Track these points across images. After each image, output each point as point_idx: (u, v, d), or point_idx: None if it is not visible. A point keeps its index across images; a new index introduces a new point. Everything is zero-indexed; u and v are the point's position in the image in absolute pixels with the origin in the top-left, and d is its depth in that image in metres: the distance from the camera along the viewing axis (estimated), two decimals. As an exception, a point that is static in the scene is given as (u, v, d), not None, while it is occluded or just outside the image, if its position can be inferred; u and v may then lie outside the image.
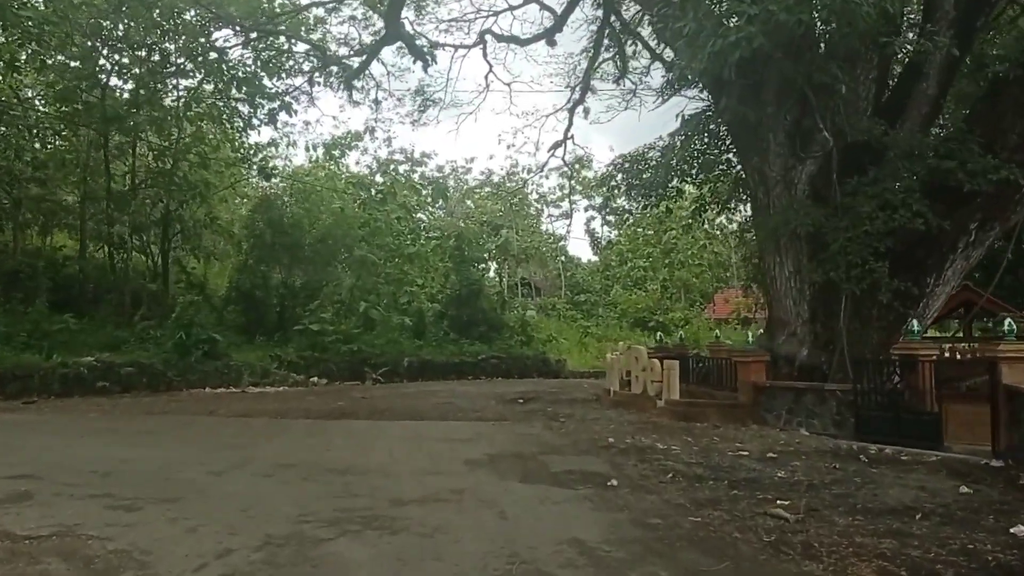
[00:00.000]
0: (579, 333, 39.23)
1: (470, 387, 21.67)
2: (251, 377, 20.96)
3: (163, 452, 9.75)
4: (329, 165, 36.73)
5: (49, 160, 27.74)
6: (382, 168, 35.89)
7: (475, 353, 26.88)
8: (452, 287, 29.74)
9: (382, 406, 15.94)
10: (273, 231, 28.35)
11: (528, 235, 46.42)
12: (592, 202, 52.74)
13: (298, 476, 8.41)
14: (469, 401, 17.36)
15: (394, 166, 36.15)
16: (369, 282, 27.81)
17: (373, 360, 24.00)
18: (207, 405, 15.44)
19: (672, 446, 11.03)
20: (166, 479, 8.15)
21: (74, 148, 28.42)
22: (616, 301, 46.89)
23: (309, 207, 29.83)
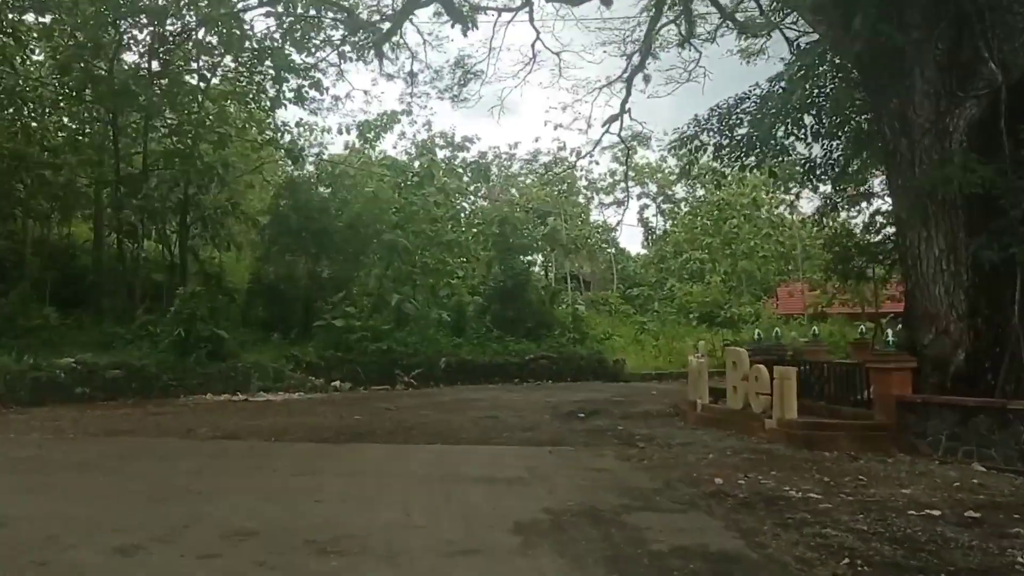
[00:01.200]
0: (633, 330, 35.75)
1: (517, 394, 18.46)
2: (262, 381, 18.05)
3: (71, 505, 6.72)
4: (364, 148, 33.79)
5: (65, 145, 25.36)
6: (420, 151, 32.80)
7: (521, 352, 23.66)
8: (495, 278, 26.54)
9: (409, 421, 12.81)
10: (299, 216, 25.50)
11: (577, 225, 42.98)
12: (646, 189, 49.28)
13: (252, 559, 5.27)
14: (516, 414, 14.15)
15: (432, 147, 33.01)
16: (402, 272, 24.75)
17: (405, 361, 20.94)
18: (192, 420, 12.49)
19: (811, 493, 7.66)
20: (39, 565, 5.07)
21: (82, 124, 25.96)
22: (674, 295, 43.25)
23: (338, 189, 26.89)
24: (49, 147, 25.33)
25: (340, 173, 27.95)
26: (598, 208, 47.17)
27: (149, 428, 11.43)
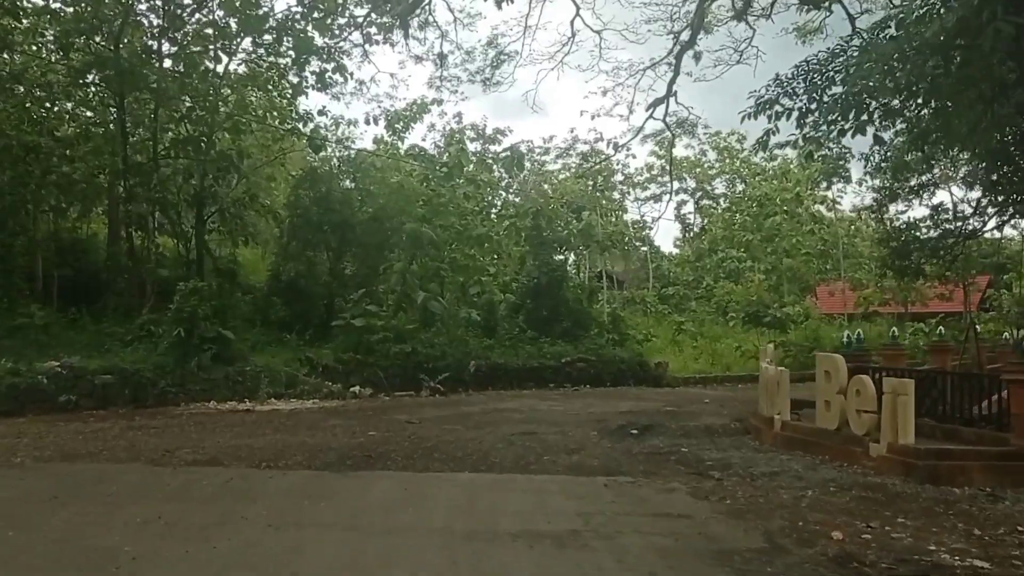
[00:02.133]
0: (671, 330, 33.62)
1: (555, 403, 16.48)
2: (272, 387, 16.28)
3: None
4: (392, 140, 32.00)
5: (74, 133, 23.92)
6: (449, 141, 30.94)
7: (557, 355, 21.66)
8: (528, 274, 24.55)
9: (432, 439, 10.90)
10: (320, 209, 23.75)
11: (612, 221, 40.93)
12: (684, 184, 47.03)
13: None
14: (557, 429, 12.19)
15: (461, 137, 31.11)
16: (429, 268, 22.87)
17: (431, 364, 19.04)
18: (177, 438, 10.69)
19: (972, 557, 5.62)
20: None
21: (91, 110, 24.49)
22: (713, 293, 41.01)
23: (362, 180, 25.13)
24: (62, 137, 23.93)
25: (364, 164, 26.17)
26: (635, 203, 44.93)
27: (120, 449, 9.62)
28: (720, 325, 37.08)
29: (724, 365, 27.13)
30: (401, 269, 20.09)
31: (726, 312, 39.08)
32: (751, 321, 28.06)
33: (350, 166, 25.09)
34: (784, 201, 43.75)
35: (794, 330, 29.04)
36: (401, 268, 20.14)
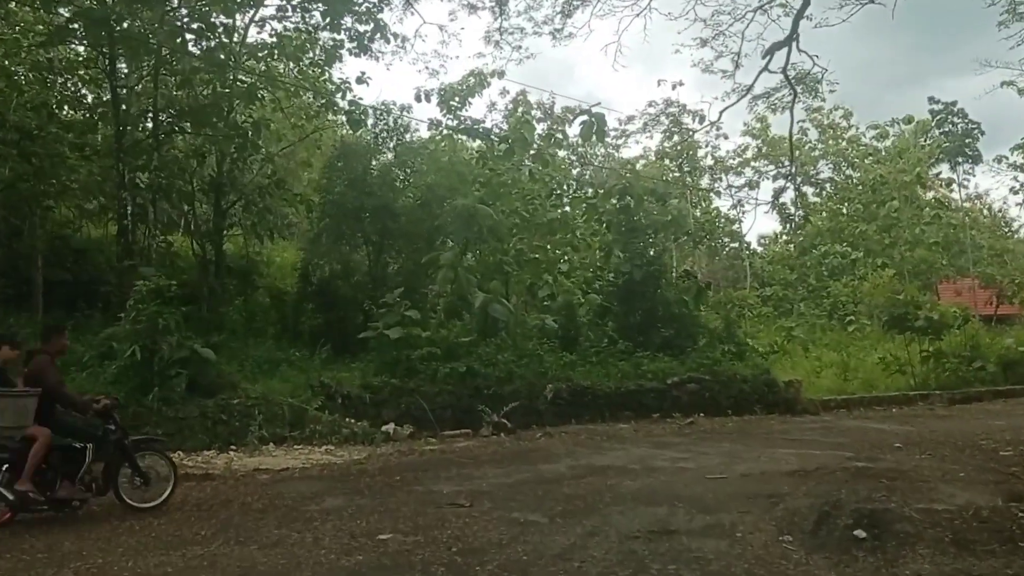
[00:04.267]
0: (779, 338, 27.86)
1: (676, 449, 11.27)
2: (270, 428, 11.51)
3: None
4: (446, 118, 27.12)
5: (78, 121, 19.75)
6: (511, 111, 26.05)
7: (660, 374, 16.41)
8: (616, 269, 19.28)
9: (489, 553, 5.80)
10: (356, 192, 18.98)
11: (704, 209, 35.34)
12: (782, 169, 40.83)
13: None
14: (710, 519, 7.03)
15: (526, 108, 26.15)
16: (489, 261, 17.89)
17: (494, 389, 14.05)
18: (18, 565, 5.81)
19: None
20: None
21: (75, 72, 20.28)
22: (827, 293, 34.95)
23: (405, 156, 20.35)
24: (64, 121, 19.73)
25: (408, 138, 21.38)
26: (727, 191, 39.11)
27: None
28: (837, 331, 31.25)
29: (864, 382, 21.43)
30: (451, 262, 15.04)
31: (843, 315, 33.17)
32: (895, 325, 22.13)
33: (391, 135, 20.14)
34: (902, 185, 37.37)
35: (947, 336, 23.01)
36: (451, 261, 15.09)
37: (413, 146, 21.65)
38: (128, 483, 7.56)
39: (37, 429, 7.06)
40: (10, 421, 6.95)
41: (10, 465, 6.92)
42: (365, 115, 21.50)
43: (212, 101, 18.99)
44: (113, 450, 7.48)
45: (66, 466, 7.24)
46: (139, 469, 7.60)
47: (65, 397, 7.47)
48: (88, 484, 7.33)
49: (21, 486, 6.83)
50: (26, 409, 7.04)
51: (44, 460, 7.03)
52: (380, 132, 20.57)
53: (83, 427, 7.55)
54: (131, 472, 7.57)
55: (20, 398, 7.09)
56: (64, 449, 7.28)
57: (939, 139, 40.45)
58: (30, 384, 7.23)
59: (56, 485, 7.13)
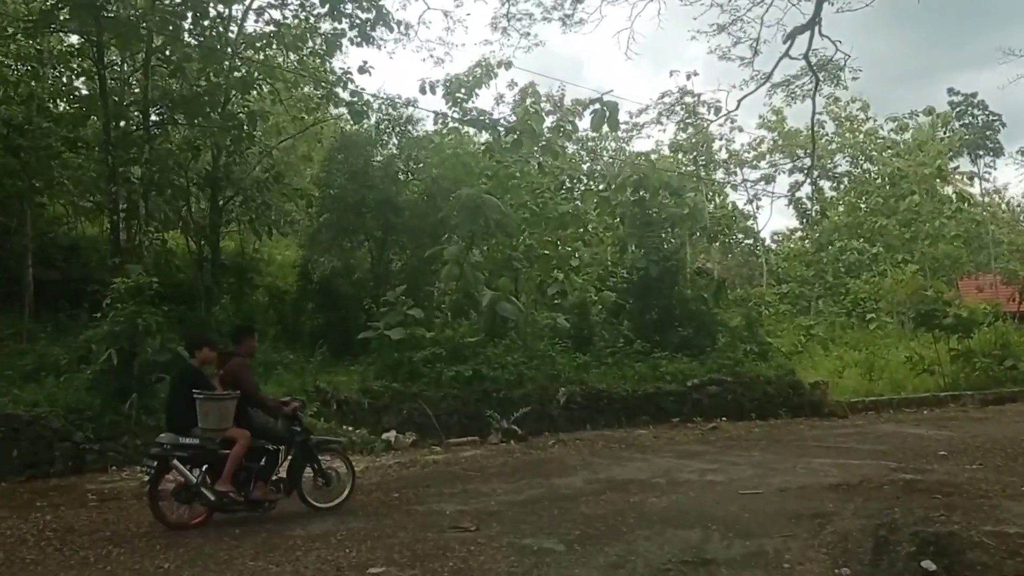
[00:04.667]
0: (798, 336, 26.85)
1: (703, 459, 10.32)
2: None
3: None
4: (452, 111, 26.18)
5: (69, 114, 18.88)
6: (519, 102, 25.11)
7: (679, 375, 15.45)
8: (632, 265, 18.33)
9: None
10: (356, 185, 18.08)
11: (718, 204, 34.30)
12: (798, 163, 39.61)
13: None
14: (751, 545, 6.15)
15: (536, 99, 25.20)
16: (497, 257, 16.96)
17: (503, 393, 13.11)
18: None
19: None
20: None
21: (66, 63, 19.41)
22: (846, 290, 33.89)
23: (408, 148, 19.45)
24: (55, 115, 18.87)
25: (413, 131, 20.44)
26: (742, 186, 37.99)
27: None
28: (857, 329, 30.21)
29: (891, 382, 20.39)
30: (456, 257, 14.09)
31: (862, 312, 32.13)
32: (923, 322, 21.08)
33: (394, 127, 19.22)
34: (922, 178, 36.24)
35: (977, 334, 21.94)
36: (456, 256, 14.14)
37: (417, 139, 20.76)
38: (311, 484, 7.60)
39: (237, 431, 7.11)
40: (213, 423, 6.98)
41: (209, 466, 6.96)
42: (367, 107, 20.57)
43: (206, 91, 18.12)
44: (298, 451, 7.52)
45: (259, 467, 7.27)
46: (322, 470, 7.64)
47: (261, 399, 7.56)
48: (276, 485, 7.40)
49: (222, 487, 6.91)
50: (227, 411, 7.07)
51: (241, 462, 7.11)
52: (382, 123, 19.60)
53: (274, 429, 7.62)
54: (314, 473, 7.61)
55: (223, 401, 7.08)
56: (258, 451, 7.30)
57: (960, 131, 39.28)
58: (227, 386, 7.25)
59: (251, 486, 7.17)
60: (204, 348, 7.51)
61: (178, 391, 7.24)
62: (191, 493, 6.92)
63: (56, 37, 19.53)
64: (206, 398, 7.00)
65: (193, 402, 6.97)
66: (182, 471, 6.89)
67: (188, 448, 6.93)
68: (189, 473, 6.89)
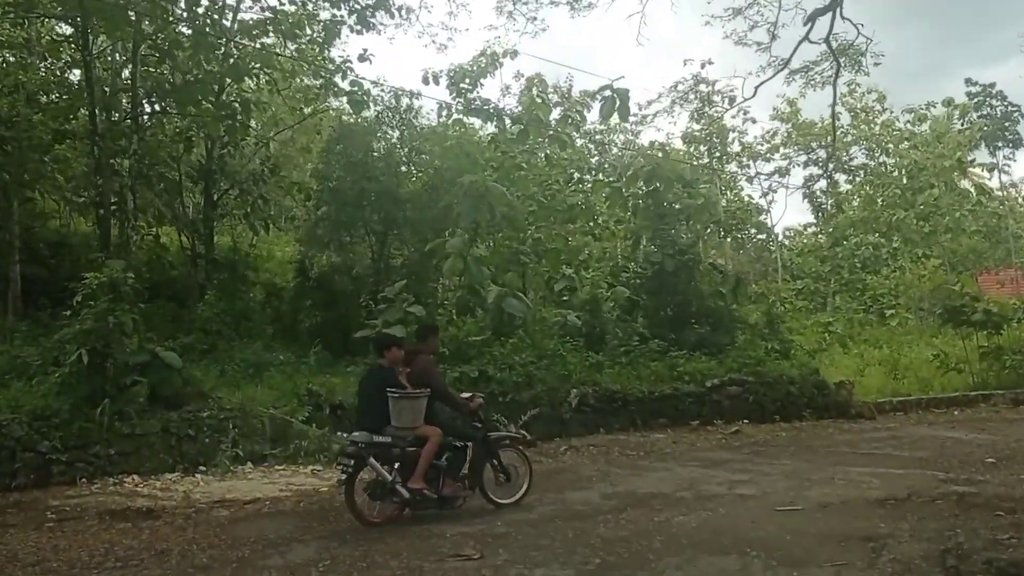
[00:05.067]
0: (816, 333, 25.85)
1: (730, 468, 9.40)
2: (247, 445, 9.77)
3: None
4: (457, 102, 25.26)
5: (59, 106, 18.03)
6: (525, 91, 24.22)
7: (698, 375, 14.53)
8: (646, 259, 17.42)
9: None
10: (356, 177, 17.18)
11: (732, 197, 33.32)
12: (812, 155, 38.53)
13: None
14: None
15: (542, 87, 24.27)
16: (503, 251, 16.07)
17: (511, 396, 12.22)
18: None
19: None
20: None
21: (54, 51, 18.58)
22: (864, 286, 32.81)
23: (410, 139, 18.58)
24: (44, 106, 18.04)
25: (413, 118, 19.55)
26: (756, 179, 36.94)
27: None
28: (876, 325, 29.19)
29: (918, 381, 19.41)
30: (459, 250, 13.17)
31: (881, 308, 31.10)
32: (951, 318, 20.10)
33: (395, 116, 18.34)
34: (942, 171, 35.12)
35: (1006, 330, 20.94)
36: (459, 248, 13.22)
37: (420, 129, 19.87)
38: (493, 480, 7.64)
39: (429, 428, 7.16)
40: (407, 421, 7.04)
41: (401, 464, 6.99)
42: (368, 96, 19.69)
43: (198, 79, 17.25)
44: (480, 447, 7.54)
45: (446, 465, 7.29)
46: (503, 466, 7.69)
47: (450, 397, 7.63)
48: (462, 482, 7.40)
49: (415, 484, 6.96)
50: (420, 409, 7.12)
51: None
52: (383, 112, 18.71)
53: (461, 426, 7.65)
54: (495, 469, 7.65)
55: (416, 399, 7.13)
56: (446, 448, 7.31)
57: (979, 122, 38.15)
58: (415, 384, 7.28)
59: (439, 483, 7.21)
60: (393, 348, 7.54)
61: (370, 390, 7.29)
62: (385, 491, 6.97)
63: (46, 26, 18.80)
64: (401, 396, 7.05)
65: (386, 401, 7.03)
66: (378, 469, 6.93)
67: (382, 446, 6.99)
68: (384, 471, 6.91)
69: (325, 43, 20.58)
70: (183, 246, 18.78)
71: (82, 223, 20.46)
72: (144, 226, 18.72)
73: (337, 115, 23.36)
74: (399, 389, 7.09)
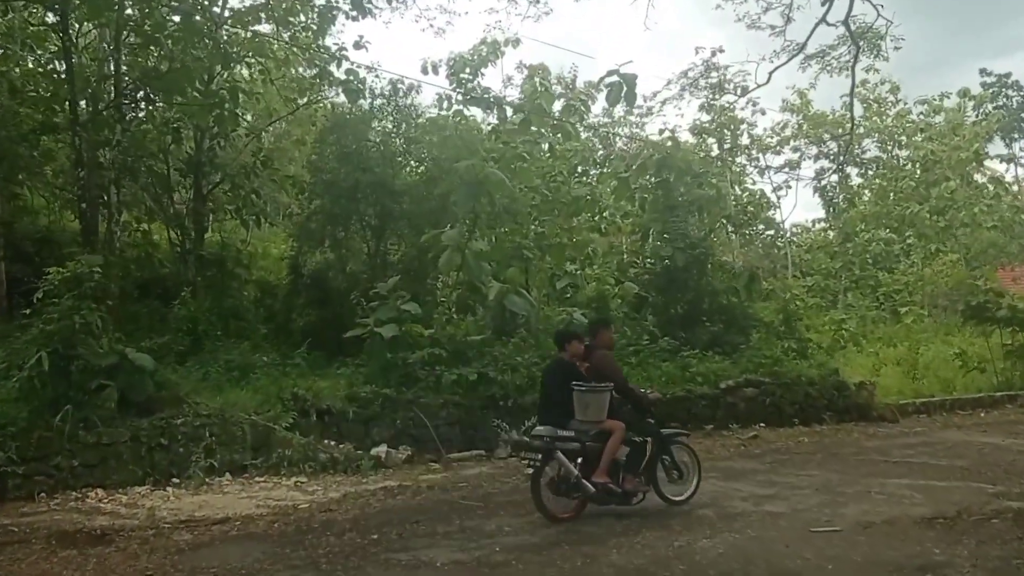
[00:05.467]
0: (831, 331, 24.94)
1: (755, 481, 8.57)
2: (225, 453, 8.98)
3: None
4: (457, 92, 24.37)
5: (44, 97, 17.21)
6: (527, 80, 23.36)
7: (712, 376, 13.69)
8: (655, 254, 16.58)
9: None
10: (350, 168, 16.37)
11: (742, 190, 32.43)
12: (824, 148, 37.51)
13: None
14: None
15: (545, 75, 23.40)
16: (506, 245, 15.23)
17: (513, 400, 11.37)
18: None
19: None
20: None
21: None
22: (878, 283, 31.91)
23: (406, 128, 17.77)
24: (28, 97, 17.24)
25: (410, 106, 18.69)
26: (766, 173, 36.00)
27: None
28: (890, 323, 28.30)
29: (940, 381, 18.53)
30: (456, 242, 12.31)
31: (894, 306, 30.19)
32: (974, 315, 19.21)
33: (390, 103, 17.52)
34: (958, 163, 34.15)
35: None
36: (456, 240, 12.36)
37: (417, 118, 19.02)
38: (666, 476, 7.51)
39: (613, 423, 7.11)
40: (593, 415, 7.01)
41: (583, 459, 6.92)
42: (363, 85, 18.85)
43: (184, 65, 16.39)
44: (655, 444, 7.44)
45: (625, 460, 7.19)
46: (675, 462, 7.56)
47: (631, 391, 7.55)
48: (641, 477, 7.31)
49: (599, 478, 6.91)
50: (604, 403, 7.07)
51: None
52: (378, 100, 17.88)
53: (640, 421, 7.52)
54: (666, 466, 7.52)
55: (601, 393, 7.07)
56: (625, 443, 7.20)
57: (996, 113, 37.16)
58: (594, 379, 7.20)
59: (619, 478, 7.11)
60: (574, 342, 7.53)
61: (554, 383, 7.25)
62: (569, 486, 6.89)
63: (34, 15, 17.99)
64: (588, 390, 6.99)
65: (569, 394, 7.00)
66: (565, 464, 6.84)
67: (567, 440, 6.94)
68: (571, 465, 6.81)
69: (320, 31, 19.80)
70: (171, 242, 17.97)
71: (70, 219, 19.68)
72: (133, 222, 17.95)
73: (332, 106, 22.61)
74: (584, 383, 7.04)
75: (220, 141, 17.70)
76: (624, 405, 7.42)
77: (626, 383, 7.56)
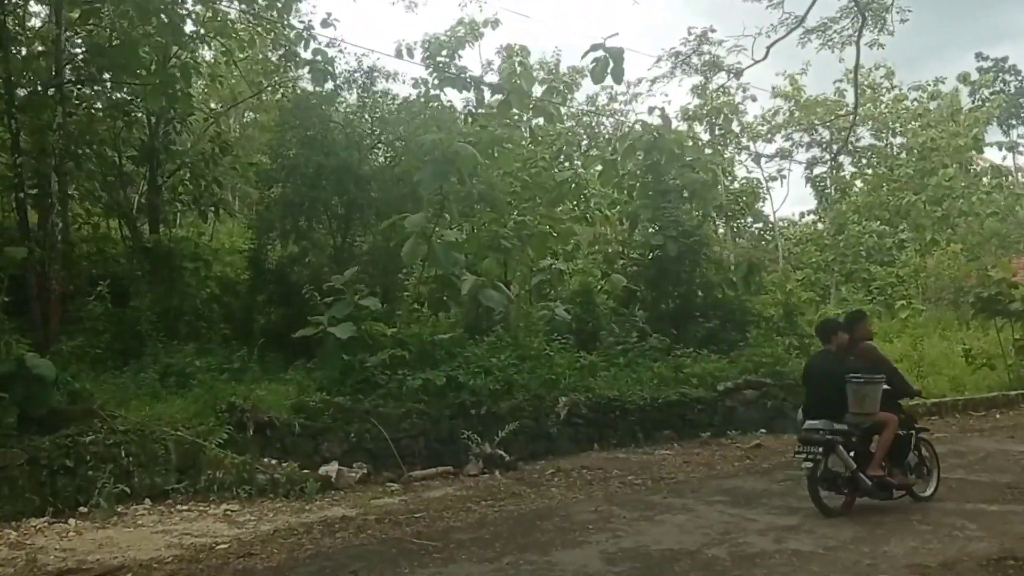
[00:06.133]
0: (826, 327, 23.69)
1: (773, 509, 7.27)
2: (145, 477, 7.58)
3: None
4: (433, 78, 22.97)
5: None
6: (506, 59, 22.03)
7: (708, 377, 12.44)
8: (643, 243, 15.29)
9: None
10: (313, 153, 14.96)
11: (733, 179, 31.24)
12: (816, 136, 36.26)
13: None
14: None
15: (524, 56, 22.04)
16: (483, 235, 13.88)
17: (485, 409, 10.04)
18: None
19: None
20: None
21: None
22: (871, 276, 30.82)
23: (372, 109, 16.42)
24: None
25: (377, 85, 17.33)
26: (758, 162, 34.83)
27: None
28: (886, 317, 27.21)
29: (949, 379, 17.39)
30: (422, 228, 10.94)
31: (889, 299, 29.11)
32: (984, 309, 18.06)
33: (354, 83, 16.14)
34: (956, 150, 33.07)
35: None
36: (421, 226, 10.99)
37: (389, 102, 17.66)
38: (915, 472, 7.40)
39: (886, 415, 7.02)
40: (868, 408, 6.90)
41: (855, 452, 6.84)
42: (332, 64, 17.45)
43: (130, 39, 14.91)
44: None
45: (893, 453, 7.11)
46: (922, 457, 7.49)
47: (903, 383, 7.47)
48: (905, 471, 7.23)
49: (873, 471, 6.86)
50: (877, 396, 6.94)
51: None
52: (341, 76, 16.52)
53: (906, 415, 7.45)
54: (917, 460, 7.43)
55: (876, 385, 6.93)
56: None
57: (996, 98, 36.13)
58: (859, 370, 7.03)
59: (887, 472, 7.03)
60: (839, 332, 7.43)
61: (823, 376, 7.16)
62: (845, 480, 6.83)
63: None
64: (865, 382, 6.87)
65: (841, 387, 6.88)
66: (844, 457, 6.75)
67: (842, 433, 6.83)
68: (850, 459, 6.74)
69: (285, 7, 18.42)
70: (122, 236, 16.52)
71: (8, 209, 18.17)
72: (83, 214, 16.49)
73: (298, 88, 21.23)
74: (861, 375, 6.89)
75: (176, 126, 16.36)
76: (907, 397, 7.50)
77: (897, 373, 7.46)
